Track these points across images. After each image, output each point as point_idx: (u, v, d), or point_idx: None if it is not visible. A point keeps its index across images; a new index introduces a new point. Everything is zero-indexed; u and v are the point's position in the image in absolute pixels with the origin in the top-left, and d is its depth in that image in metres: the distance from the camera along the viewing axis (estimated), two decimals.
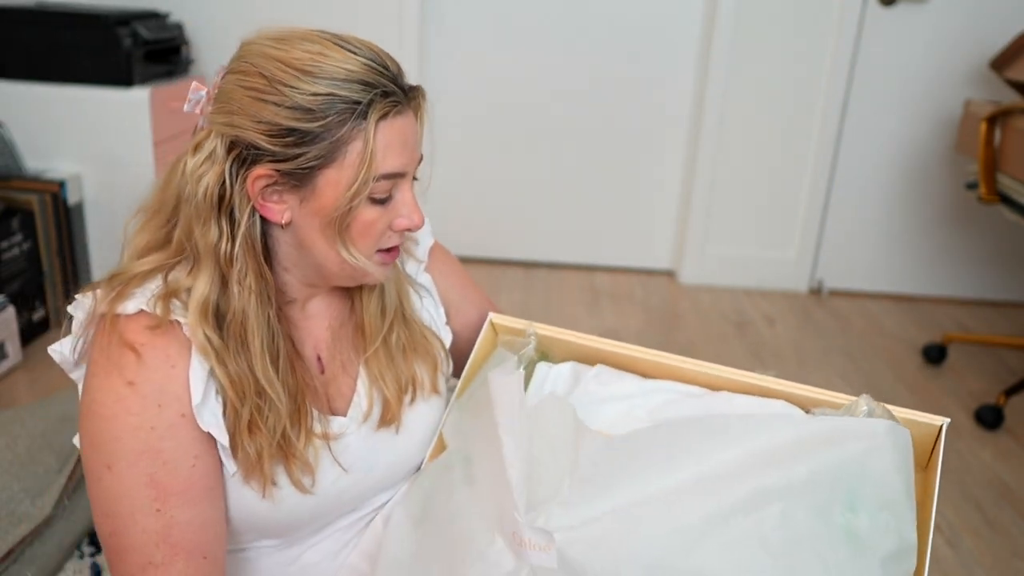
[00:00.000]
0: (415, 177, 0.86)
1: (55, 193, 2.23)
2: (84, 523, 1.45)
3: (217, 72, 0.83)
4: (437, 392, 0.98)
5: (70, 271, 2.32)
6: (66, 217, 2.27)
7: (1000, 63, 2.41)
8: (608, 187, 3.05)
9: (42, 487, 1.39)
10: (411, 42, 2.75)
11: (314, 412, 0.87)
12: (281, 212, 0.81)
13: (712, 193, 2.97)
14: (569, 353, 1.00)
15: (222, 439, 0.80)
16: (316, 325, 0.92)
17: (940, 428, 0.81)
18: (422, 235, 1.04)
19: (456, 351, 1.06)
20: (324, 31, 0.82)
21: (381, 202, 0.82)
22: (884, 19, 2.77)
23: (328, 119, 0.77)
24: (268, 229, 0.84)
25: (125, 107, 2.28)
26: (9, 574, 1.28)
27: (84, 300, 0.82)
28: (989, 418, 2.12)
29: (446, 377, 1.02)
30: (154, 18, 2.47)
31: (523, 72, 2.90)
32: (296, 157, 0.78)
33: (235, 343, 0.81)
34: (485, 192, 2.99)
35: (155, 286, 0.81)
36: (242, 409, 0.80)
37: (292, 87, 0.77)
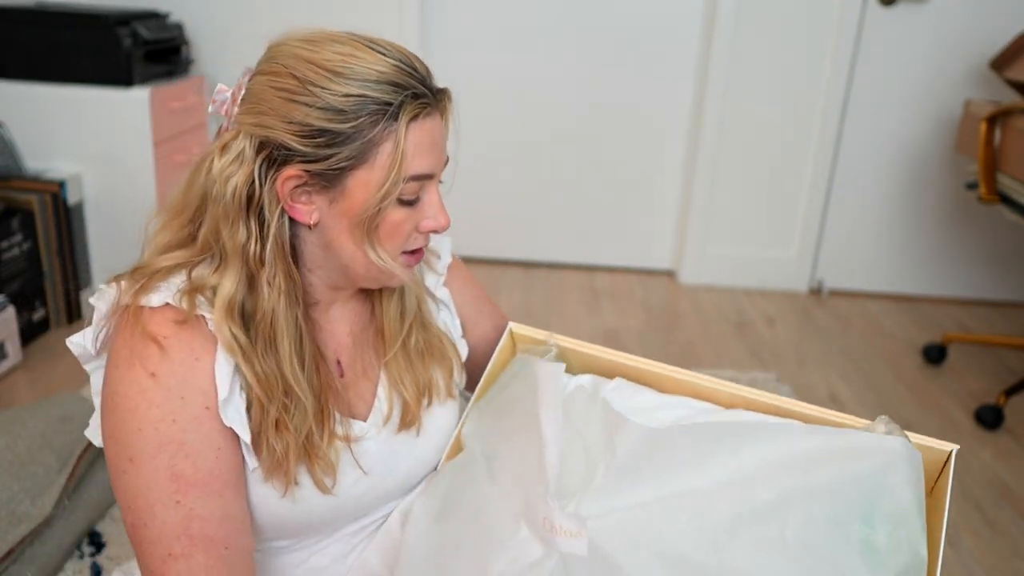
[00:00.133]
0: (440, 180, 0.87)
1: (55, 193, 2.23)
2: (84, 523, 1.45)
3: (243, 73, 0.83)
4: (452, 396, 0.99)
5: (70, 271, 2.32)
6: (66, 217, 2.27)
7: (1000, 63, 2.41)
8: (608, 187, 3.05)
9: (42, 487, 1.39)
10: (411, 43, 2.75)
11: (336, 415, 0.88)
12: (309, 213, 0.81)
13: (712, 193, 2.97)
14: (588, 366, 1.01)
15: (244, 436, 0.80)
16: (338, 330, 0.93)
17: (949, 454, 0.81)
18: (443, 250, 1.05)
19: (471, 364, 1.06)
20: (352, 33, 0.83)
21: (409, 203, 0.82)
22: (884, 19, 2.77)
23: (359, 120, 0.77)
24: (295, 230, 0.84)
25: (125, 107, 2.28)
26: (9, 574, 1.28)
27: (108, 291, 0.82)
28: (989, 418, 2.12)
29: (459, 383, 1.02)
30: (154, 18, 2.47)
31: (523, 72, 2.90)
32: (327, 158, 0.78)
33: (263, 343, 0.81)
34: (485, 192, 2.98)
35: (179, 281, 0.81)
36: (269, 407, 0.80)
37: (324, 88, 0.77)
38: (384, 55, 0.79)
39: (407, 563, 0.85)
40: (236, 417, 0.79)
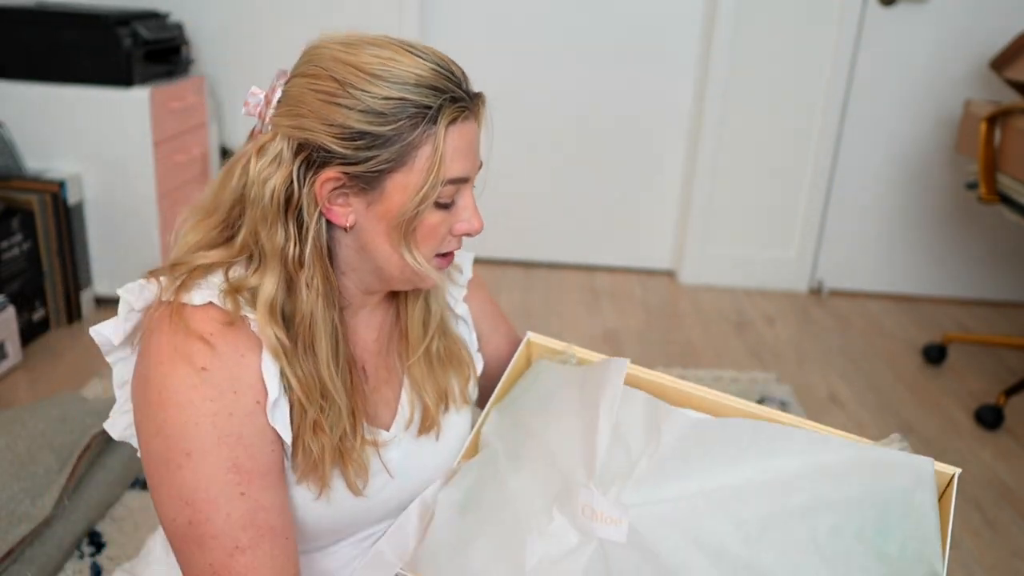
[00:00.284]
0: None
1: (55, 193, 2.23)
2: (84, 523, 1.45)
3: (276, 76, 0.84)
4: (467, 403, 1.01)
5: (70, 271, 2.32)
6: (66, 217, 2.27)
7: (1000, 63, 2.41)
8: (608, 187, 3.05)
9: (42, 487, 1.39)
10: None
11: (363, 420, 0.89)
12: (346, 215, 0.81)
13: (712, 193, 2.97)
14: None
15: (287, 438, 0.80)
16: (364, 335, 0.93)
17: (952, 477, 0.83)
18: (465, 265, 1.06)
19: (483, 378, 1.07)
20: (388, 36, 0.83)
21: (445, 207, 0.83)
22: (884, 19, 2.77)
23: (399, 123, 0.78)
24: (330, 232, 0.84)
25: (125, 107, 2.28)
26: (9, 574, 1.28)
27: (148, 286, 0.82)
28: (989, 418, 2.12)
29: (471, 394, 1.03)
30: (154, 18, 2.47)
31: (523, 72, 2.90)
32: (367, 160, 0.78)
33: (303, 345, 0.81)
34: (485, 192, 2.97)
35: (218, 280, 0.81)
36: (308, 409, 0.81)
37: (364, 91, 0.77)
38: (422, 59, 0.80)
39: (429, 554, 0.85)
40: (281, 419, 0.80)
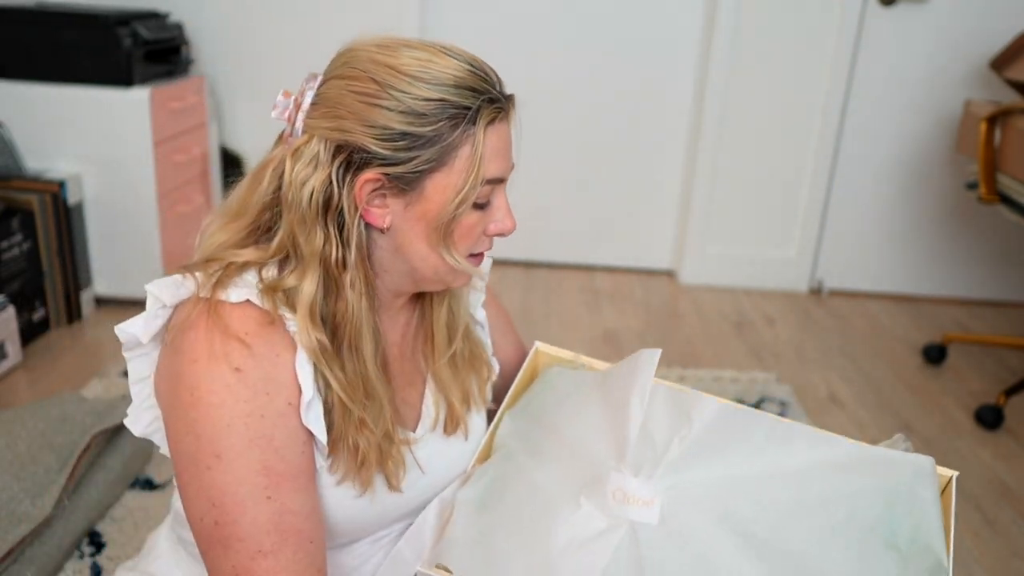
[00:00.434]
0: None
1: (55, 193, 2.23)
2: (84, 523, 1.45)
3: (306, 79, 0.83)
4: (485, 403, 1.02)
5: (70, 271, 2.32)
6: (66, 217, 2.27)
7: (1000, 63, 2.41)
8: (608, 187, 3.05)
9: (42, 487, 1.39)
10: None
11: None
12: (383, 216, 0.82)
13: (712, 193, 2.97)
14: None
15: (321, 437, 0.81)
16: (389, 337, 0.94)
17: (950, 479, 0.88)
18: (484, 271, 1.07)
19: (492, 386, 1.09)
20: (421, 39, 0.84)
21: (481, 207, 0.84)
22: (884, 19, 2.77)
23: (440, 123, 0.78)
24: (366, 233, 0.84)
25: (125, 107, 2.28)
26: (9, 574, 1.28)
27: (184, 282, 0.81)
28: (989, 418, 2.12)
29: (487, 396, 1.04)
30: (154, 18, 2.47)
31: (523, 73, 2.90)
32: (408, 161, 0.78)
33: (347, 345, 0.82)
34: None
35: (252, 279, 0.81)
36: (352, 408, 0.81)
37: (404, 92, 0.78)
38: (458, 60, 0.81)
39: (449, 547, 0.85)
40: (315, 419, 0.80)
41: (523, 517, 0.83)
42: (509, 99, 0.84)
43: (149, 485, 1.62)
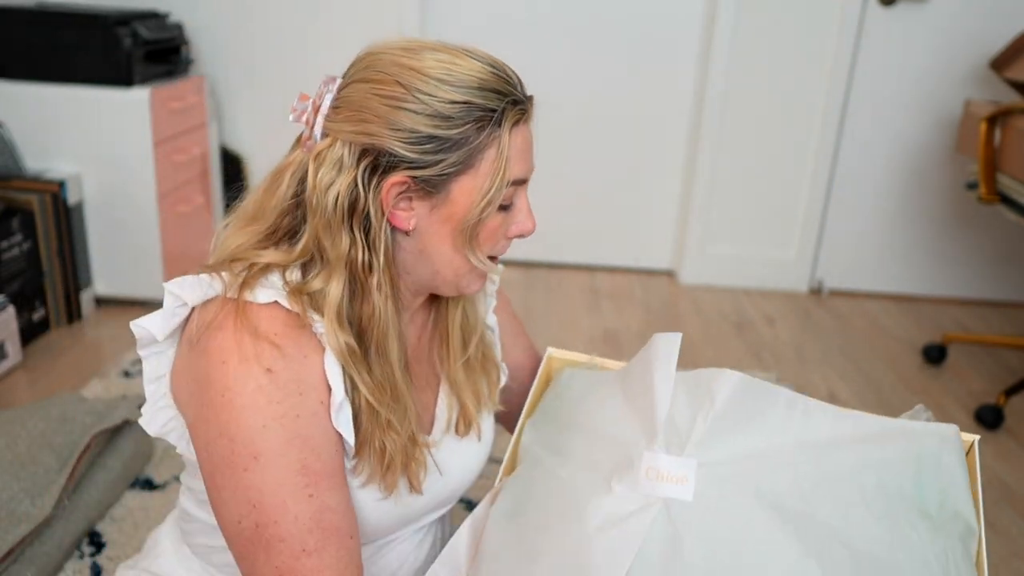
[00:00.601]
0: None
1: (55, 193, 2.23)
2: (84, 523, 1.45)
3: (323, 83, 0.83)
4: (495, 405, 1.02)
5: (70, 271, 2.32)
6: (66, 217, 2.27)
7: (1000, 63, 2.41)
8: (608, 187, 3.05)
9: (42, 487, 1.39)
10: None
11: None
12: (408, 219, 0.82)
13: (712, 193, 2.97)
14: None
15: (350, 439, 0.81)
16: (408, 341, 0.94)
17: (972, 443, 0.90)
18: (495, 276, 1.07)
19: (503, 390, 1.09)
20: (442, 41, 0.84)
21: (504, 208, 0.84)
22: (884, 19, 2.77)
23: (466, 126, 0.78)
24: (392, 235, 0.84)
25: (125, 107, 2.28)
26: (9, 574, 1.28)
27: (210, 281, 0.80)
28: (989, 418, 2.12)
29: (495, 399, 1.05)
30: (154, 18, 2.47)
31: (522, 73, 2.89)
32: (435, 164, 0.78)
33: (374, 349, 0.82)
34: None
35: (277, 280, 0.81)
36: (380, 410, 0.81)
37: (430, 95, 0.78)
38: (480, 62, 0.81)
39: (488, 561, 0.85)
40: (344, 421, 0.80)
41: (553, 511, 0.83)
42: (530, 100, 0.85)
43: (149, 485, 1.62)
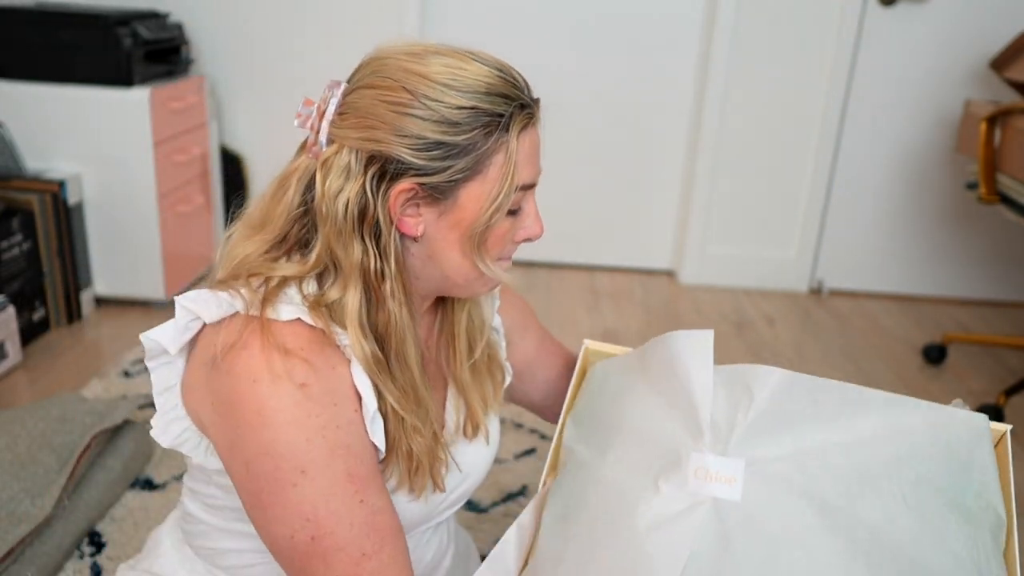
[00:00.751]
0: None
1: (55, 193, 2.23)
2: (84, 523, 1.45)
3: (327, 87, 0.82)
4: (500, 405, 1.03)
5: (70, 271, 2.32)
6: (66, 217, 2.27)
7: (1000, 63, 2.41)
8: (608, 187, 3.05)
9: (42, 487, 1.39)
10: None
11: None
12: (416, 225, 0.81)
13: (712, 193, 2.97)
14: None
15: (381, 447, 0.81)
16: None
17: (1004, 434, 0.91)
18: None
19: (517, 380, 1.10)
20: (448, 44, 0.83)
21: (513, 213, 0.83)
22: (884, 19, 2.77)
23: (474, 132, 0.78)
24: (401, 242, 0.84)
25: (125, 107, 2.28)
26: (9, 574, 1.28)
27: (229, 299, 0.79)
28: (989, 418, 2.11)
29: (499, 398, 1.05)
30: (154, 18, 2.47)
31: (522, 73, 2.90)
32: (443, 170, 0.78)
33: (394, 356, 0.82)
34: None
35: (295, 295, 0.81)
36: (406, 416, 0.82)
37: (438, 100, 0.77)
38: (486, 66, 0.80)
39: (545, 565, 0.86)
40: (378, 432, 0.81)
41: (602, 513, 0.84)
42: (537, 103, 0.84)
43: (149, 485, 1.62)
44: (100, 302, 2.46)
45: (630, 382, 0.95)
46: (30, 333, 2.20)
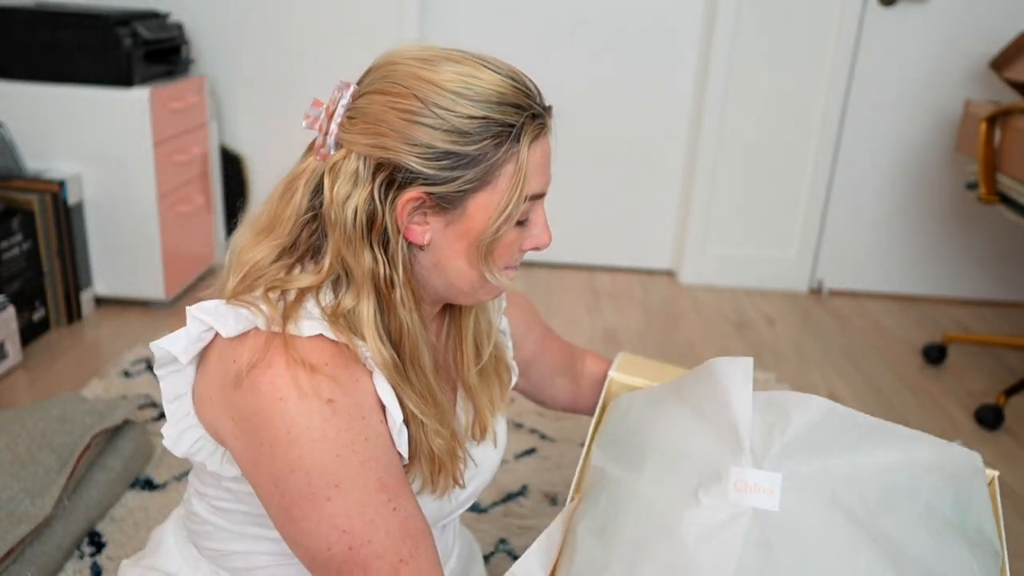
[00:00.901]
0: None
1: (55, 193, 2.23)
2: (84, 523, 1.45)
3: (337, 88, 0.81)
4: (505, 407, 1.04)
5: (70, 271, 2.32)
6: (66, 217, 2.27)
7: (1000, 63, 2.41)
8: (608, 187, 3.05)
9: (42, 487, 1.39)
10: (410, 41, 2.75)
11: None
12: (423, 233, 0.81)
13: (712, 193, 2.97)
14: None
15: (405, 456, 0.82)
16: None
17: (993, 479, 0.97)
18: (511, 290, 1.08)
19: (522, 379, 1.12)
20: (462, 50, 0.82)
21: (521, 223, 0.83)
22: (884, 19, 2.77)
23: (484, 142, 0.77)
24: (407, 249, 0.84)
25: (125, 107, 2.28)
26: (9, 574, 1.28)
27: (256, 318, 0.78)
28: (989, 418, 2.12)
29: (507, 398, 1.06)
30: (154, 18, 2.47)
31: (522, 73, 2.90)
32: (452, 180, 0.77)
33: (409, 361, 0.82)
34: None
35: (313, 308, 0.81)
36: (426, 419, 0.83)
37: (448, 109, 0.76)
38: (499, 74, 0.80)
39: (584, 573, 0.87)
40: (403, 442, 0.81)
41: (644, 526, 0.85)
42: (549, 111, 0.84)
43: (149, 485, 1.62)
44: (100, 302, 2.46)
45: (661, 408, 0.98)
46: (30, 333, 2.20)
